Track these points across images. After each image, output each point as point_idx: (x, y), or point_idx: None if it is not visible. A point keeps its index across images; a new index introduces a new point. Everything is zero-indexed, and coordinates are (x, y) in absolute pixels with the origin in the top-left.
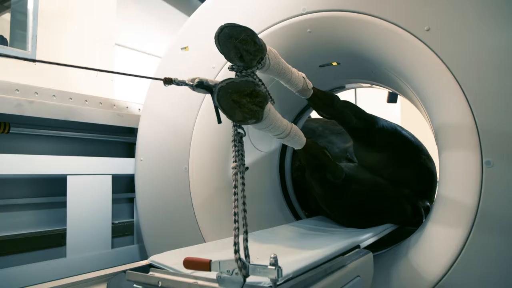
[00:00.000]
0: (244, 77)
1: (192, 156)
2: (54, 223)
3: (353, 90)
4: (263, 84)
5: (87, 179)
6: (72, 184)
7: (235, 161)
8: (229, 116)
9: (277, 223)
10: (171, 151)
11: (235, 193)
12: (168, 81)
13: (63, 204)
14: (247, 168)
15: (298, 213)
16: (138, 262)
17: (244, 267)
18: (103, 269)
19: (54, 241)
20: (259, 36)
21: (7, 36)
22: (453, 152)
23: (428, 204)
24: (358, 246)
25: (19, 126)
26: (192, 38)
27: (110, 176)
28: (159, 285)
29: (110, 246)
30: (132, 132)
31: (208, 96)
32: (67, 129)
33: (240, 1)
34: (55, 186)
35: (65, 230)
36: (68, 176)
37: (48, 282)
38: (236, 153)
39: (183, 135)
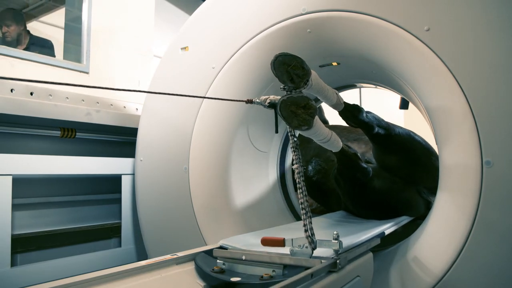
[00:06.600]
0: (300, 93)
1: (192, 156)
2: (111, 217)
3: (358, 95)
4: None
5: None
6: (126, 183)
7: (296, 163)
8: (288, 123)
9: (277, 223)
10: (171, 151)
11: (300, 188)
12: (249, 102)
13: (118, 201)
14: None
15: (299, 214)
16: (207, 246)
17: (312, 242)
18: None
19: (111, 233)
20: (259, 35)
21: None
22: (453, 152)
23: None
24: (383, 233)
25: (84, 132)
26: (192, 38)
27: None
28: (243, 259)
29: None
30: None
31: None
32: (120, 134)
33: (240, 1)
34: (112, 184)
35: (120, 223)
36: (122, 176)
37: (140, 262)
38: (295, 156)
39: (183, 135)
